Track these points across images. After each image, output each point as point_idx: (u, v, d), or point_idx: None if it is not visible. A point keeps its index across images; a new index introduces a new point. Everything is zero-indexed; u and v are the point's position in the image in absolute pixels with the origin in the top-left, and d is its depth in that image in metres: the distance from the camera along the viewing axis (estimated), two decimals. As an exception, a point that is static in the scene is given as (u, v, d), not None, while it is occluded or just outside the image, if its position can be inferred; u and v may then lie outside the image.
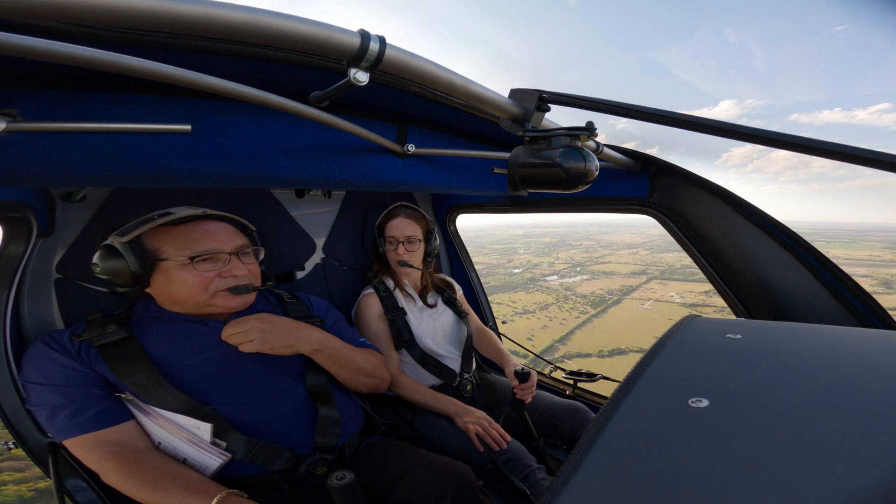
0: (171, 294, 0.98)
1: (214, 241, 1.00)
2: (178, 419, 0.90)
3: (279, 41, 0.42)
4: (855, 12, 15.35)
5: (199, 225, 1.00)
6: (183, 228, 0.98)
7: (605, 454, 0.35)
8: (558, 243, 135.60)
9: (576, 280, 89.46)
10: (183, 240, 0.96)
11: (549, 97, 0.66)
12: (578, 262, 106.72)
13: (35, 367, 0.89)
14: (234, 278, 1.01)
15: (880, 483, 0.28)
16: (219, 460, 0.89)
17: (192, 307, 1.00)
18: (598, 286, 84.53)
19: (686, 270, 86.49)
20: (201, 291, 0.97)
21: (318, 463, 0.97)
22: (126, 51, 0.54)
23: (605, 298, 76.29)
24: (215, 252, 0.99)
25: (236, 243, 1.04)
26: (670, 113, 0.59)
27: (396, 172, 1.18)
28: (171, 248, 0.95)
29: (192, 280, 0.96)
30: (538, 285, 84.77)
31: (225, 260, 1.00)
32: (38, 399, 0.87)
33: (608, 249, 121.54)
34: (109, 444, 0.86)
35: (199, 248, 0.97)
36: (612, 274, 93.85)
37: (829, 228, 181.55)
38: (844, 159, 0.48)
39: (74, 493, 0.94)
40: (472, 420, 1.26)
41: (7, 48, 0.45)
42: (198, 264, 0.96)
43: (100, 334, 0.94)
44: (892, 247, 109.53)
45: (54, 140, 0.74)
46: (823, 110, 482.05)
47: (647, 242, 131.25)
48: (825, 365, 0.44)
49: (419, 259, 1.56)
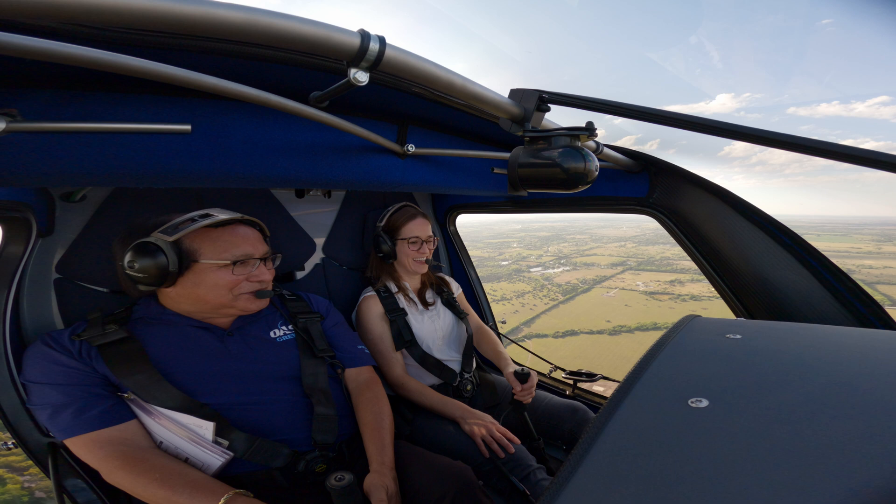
0: (195, 294, 0.99)
1: (251, 247, 1.03)
2: (180, 418, 0.90)
3: (279, 41, 0.42)
4: (850, 5, 15.31)
5: (236, 229, 1.03)
6: (222, 232, 1.00)
7: (605, 454, 0.35)
8: (552, 237, 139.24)
9: (556, 271, 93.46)
10: (223, 243, 0.99)
11: (549, 97, 0.66)
12: (566, 254, 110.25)
13: (36, 367, 0.89)
14: (261, 283, 1.05)
15: (880, 483, 0.28)
16: (221, 459, 0.90)
17: (209, 309, 1.02)
18: (576, 276, 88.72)
19: (662, 262, 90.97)
20: (227, 293, 0.99)
21: (318, 460, 0.98)
22: (126, 51, 0.54)
23: (577, 287, 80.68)
24: (251, 257, 1.02)
25: (265, 249, 1.07)
26: (670, 113, 0.59)
27: (396, 172, 1.18)
28: (210, 250, 0.97)
29: (225, 282, 0.98)
30: (521, 276, 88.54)
31: (254, 265, 1.03)
32: (40, 398, 0.87)
33: (598, 243, 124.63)
34: (113, 443, 0.86)
35: (237, 253, 1.00)
36: (593, 265, 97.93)
37: (827, 222, 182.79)
38: (844, 159, 0.48)
39: (74, 493, 0.94)
40: (478, 424, 1.26)
41: (7, 48, 0.45)
42: (236, 268, 0.99)
43: (100, 334, 0.94)
44: (882, 240, 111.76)
45: (54, 140, 0.74)
46: (821, 103, 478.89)
47: (637, 236, 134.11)
48: (825, 365, 0.44)
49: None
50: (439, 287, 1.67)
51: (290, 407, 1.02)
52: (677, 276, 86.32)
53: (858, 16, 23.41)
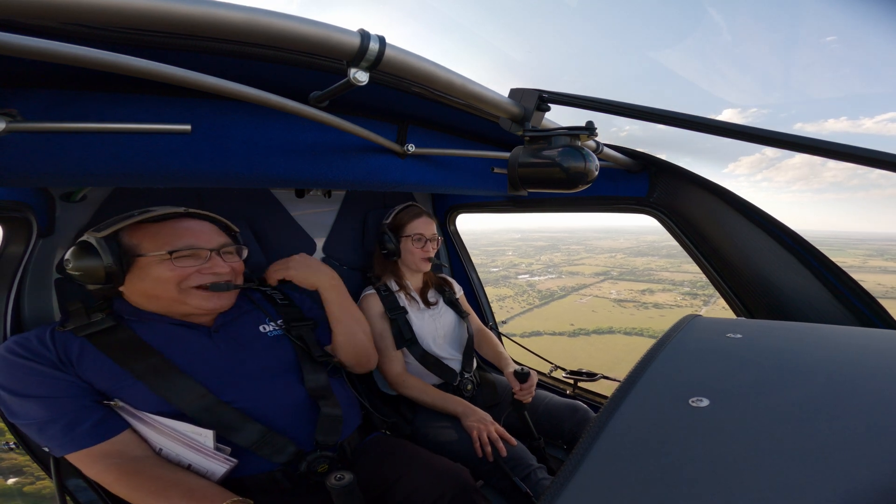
0: (143, 290, 0.94)
1: (195, 238, 0.98)
2: (176, 426, 0.87)
3: (279, 41, 0.42)
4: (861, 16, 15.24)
5: (180, 222, 0.99)
6: (163, 225, 0.96)
7: (606, 454, 0.35)
8: (547, 247, 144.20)
9: (541, 279, 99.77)
10: (163, 236, 0.94)
11: (549, 97, 0.66)
12: (556, 263, 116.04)
13: (7, 378, 0.82)
14: (214, 275, 0.98)
15: (880, 483, 0.28)
16: (224, 466, 0.87)
17: (166, 305, 0.96)
18: (558, 284, 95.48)
19: (644, 273, 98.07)
20: (174, 287, 0.93)
21: (319, 460, 0.97)
22: (126, 51, 0.54)
23: (555, 293, 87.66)
24: (196, 248, 0.96)
25: (218, 241, 1.02)
26: (671, 113, 0.59)
27: (396, 172, 1.18)
28: (149, 243, 0.93)
29: (168, 275, 0.92)
30: (508, 282, 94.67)
31: (206, 257, 0.98)
32: (24, 412, 0.81)
33: (590, 253, 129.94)
34: (108, 457, 0.82)
35: (178, 244, 0.94)
36: (577, 274, 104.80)
37: (831, 237, 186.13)
38: (848, 159, 0.48)
39: (76, 493, 0.94)
40: (477, 422, 1.26)
41: (7, 48, 0.45)
42: (177, 260, 0.94)
43: (86, 324, 0.90)
44: (872, 254, 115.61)
45: (54, 140, 0.74)
46: (829, 119, 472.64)
47: (631, 248, 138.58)
48: (825, 365, 0.44)
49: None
50: (441, 287, 1.67)
51: (294, 403, 1.01)
52: (650, 286, 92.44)
53: (863, 33, 23.37)
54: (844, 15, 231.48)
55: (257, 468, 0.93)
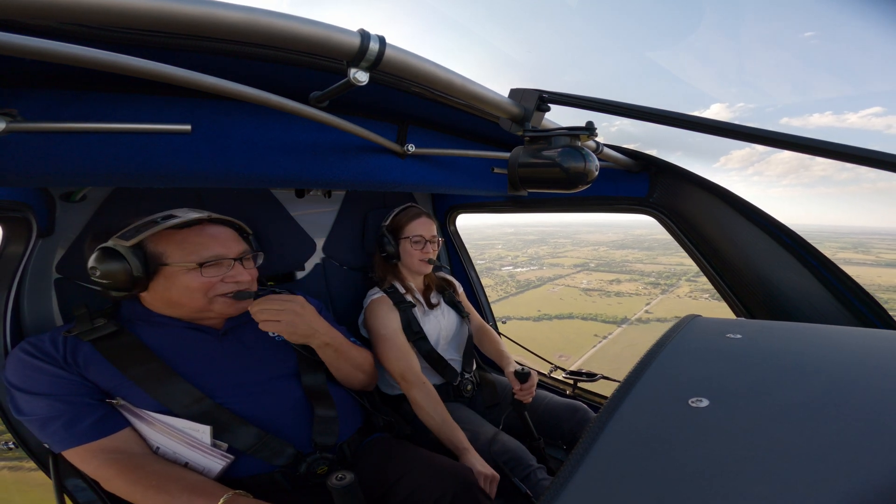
0: (169, 298, 0.96)
1: (221, 247, 0.98)
2: (174, 422, 0.88)
3: (279, 41, 0.42)
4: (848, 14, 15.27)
5: (204, 229, 0.99)
6: (188, 233, 0.96)
7: (606, 454, 0.35)
8: (536, 241, 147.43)
9: (523, 270, 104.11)
10: (189, 245, 0.94)
11: (549, 97, 0.66)
12: (540, 256, 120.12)
13: (19, 375, 0.85)
14: (237, 284, 1.00)
15: (880, 483, 0.28)
16: (221, 463, 0.88)
17: (189, 312, 0.98)
18: (537, 275, 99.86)
19: (620, 265, 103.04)
20: (202, 296, 0.95)
21: (319, 462, 0.97)
22: (126, 51, 0.54)
23: (532, 283, 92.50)
24: (222, 258, 0.98)
25: (240, 248, 1.03)
26: (670, 113, 0.59)
27: (396, 172, 1.18)
28: (176, 252, 0.93)
29: (195, 284, 0.94)
30: (491, 273, 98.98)
31: (229, 265, 0.99)
32: (29, 409, 0.84)
33: (576, 246, 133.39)
34: (108, 452, 0.84)
35: (206, 254, 0.95)
36: (557, 265, 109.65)
37: (809, 231, 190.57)
38: (844, 159, 0.48)
39: (75, 493, 0.94)
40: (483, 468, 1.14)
41: (7, 48, 0.45)
42: (205, 270, 0.95)
43: (90, 329, 0.91)
44: (846, 247, 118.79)
45: (54, 140, 0.74)
46: (814, 114, 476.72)
47: (615, 241, 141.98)
48: (825, 365, 0.44)
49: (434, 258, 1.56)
50: (442, 287, 1.67)
51: (292, 406, 1.02)
52: (618, 276, 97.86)
53: (847, 28, 23.13)
54: (826, 11, 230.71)
55: (256, 469, 0.94)
